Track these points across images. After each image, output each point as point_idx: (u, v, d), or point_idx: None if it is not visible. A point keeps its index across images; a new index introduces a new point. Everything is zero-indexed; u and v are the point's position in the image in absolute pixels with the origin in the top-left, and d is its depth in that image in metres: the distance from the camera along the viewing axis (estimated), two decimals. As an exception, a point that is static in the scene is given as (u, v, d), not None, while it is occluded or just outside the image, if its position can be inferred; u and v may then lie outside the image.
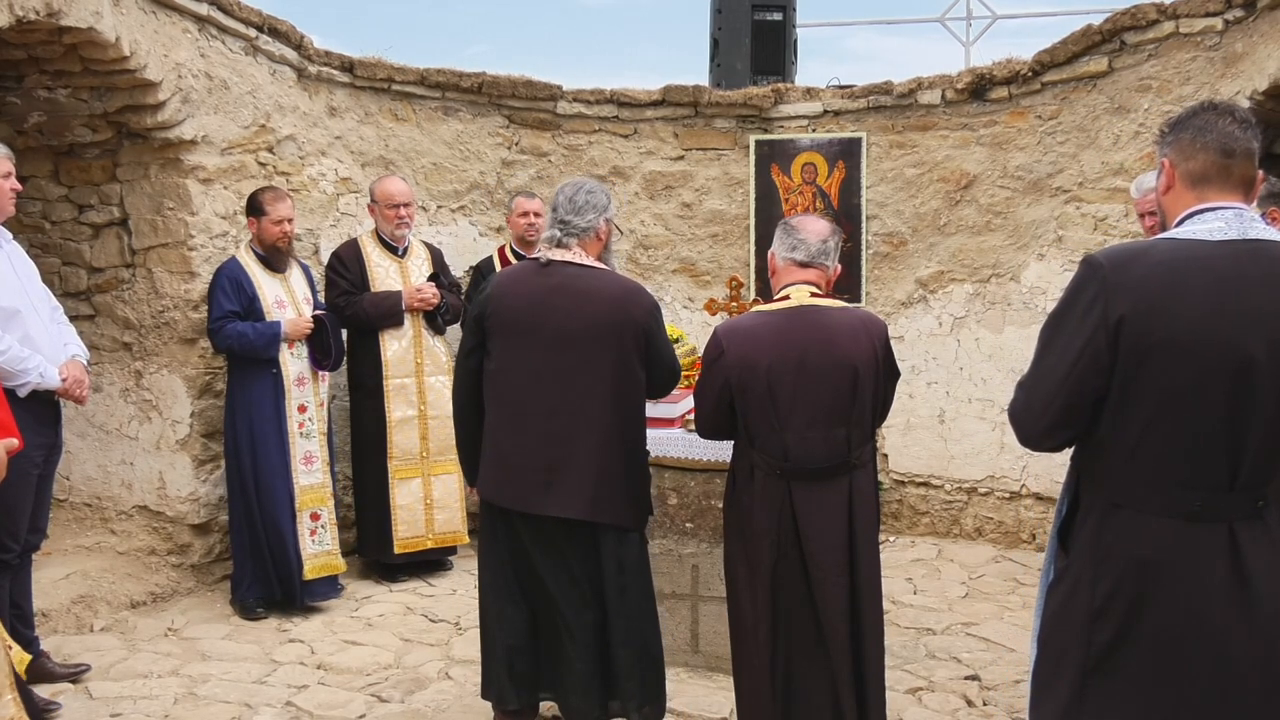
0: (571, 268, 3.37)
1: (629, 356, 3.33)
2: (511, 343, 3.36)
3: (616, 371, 3.32)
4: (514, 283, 3.43)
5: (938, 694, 3.99)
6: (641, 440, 3.48)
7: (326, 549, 4.98)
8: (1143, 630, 2.05)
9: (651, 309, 3.40)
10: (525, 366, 3.34)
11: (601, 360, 3.30)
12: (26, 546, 3.94)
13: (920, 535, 6.18)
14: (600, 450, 3.31)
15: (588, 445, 3.30)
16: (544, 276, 3.37)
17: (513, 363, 3.36)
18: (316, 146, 5.67)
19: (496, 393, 3.41)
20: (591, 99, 6.47)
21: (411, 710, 3.90)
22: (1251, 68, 4.91)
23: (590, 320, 3.30)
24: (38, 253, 5.11)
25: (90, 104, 4.89)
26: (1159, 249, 2.07)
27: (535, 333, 3.32)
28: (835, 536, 3.00)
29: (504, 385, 3.39)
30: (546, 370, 3.32)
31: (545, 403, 3.32)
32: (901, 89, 6.11)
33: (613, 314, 3.31)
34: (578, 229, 3.39)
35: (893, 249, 6.22)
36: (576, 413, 3.31)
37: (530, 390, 3.34)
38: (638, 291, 3.43)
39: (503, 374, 3.39)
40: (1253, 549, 2.01)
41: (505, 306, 3.38)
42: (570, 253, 3.39)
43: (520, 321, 3.34)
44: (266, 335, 4.83)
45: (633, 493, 3.41)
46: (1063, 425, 2.14)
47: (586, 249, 3.41)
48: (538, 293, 3.34)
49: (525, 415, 3.35)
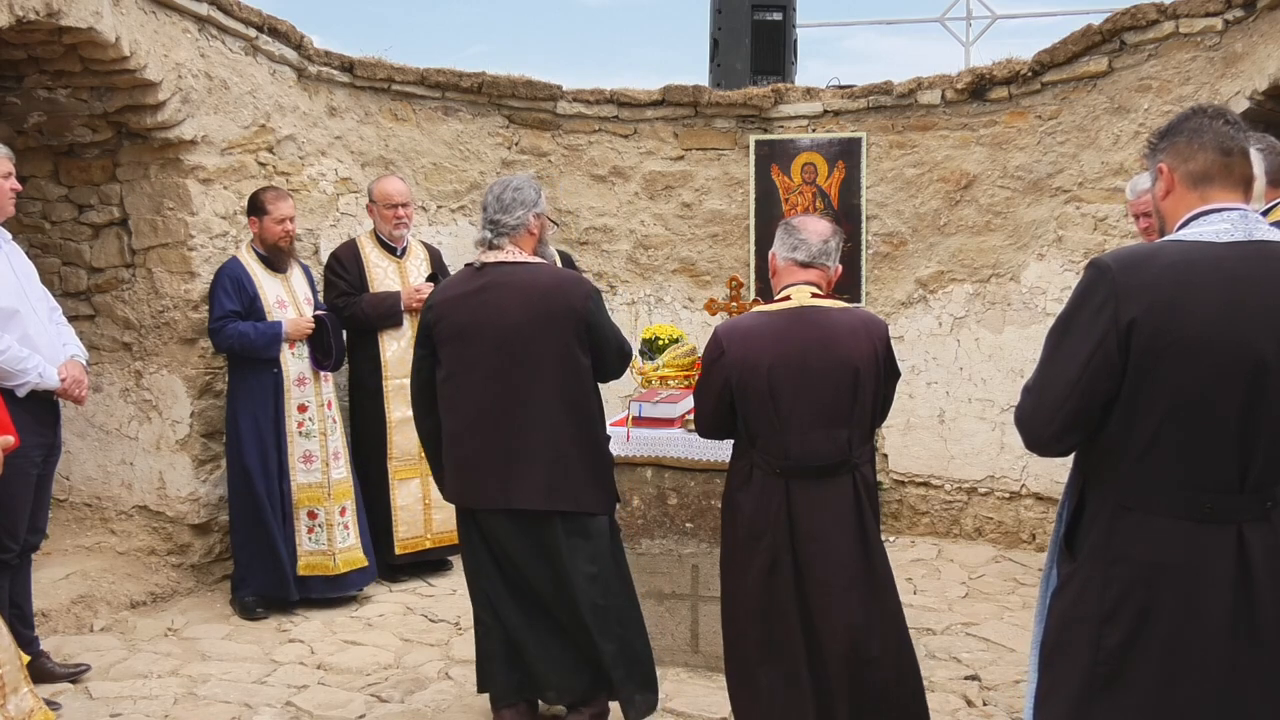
0: (505, 267, 3.44)
1: (571, 345, 3.40)
2: (456, 349, 3.43)
3: (560, 362, 3.39)
4: (452, 290, 3.51)
5: (938, 694, 3.99)
6: (597, 426, 3.53)
7: (321, 547, 4.98)
8: (1152, 633, 2.04)
9: (588, 294, 3.46)
10: (472, 370, 3.42)
11: (543, 353, 3.38)
12: (26, 546, 3.94)
13: (920, 535, 6.18)
14: (551, 441, 3.38)
15: (538, 437, 3.38)
16: (479, 279, 3.45)
17: (460, 368, 3.44)
18: (316, 146, 5.67)
19: (448, 399, 3.49)
20: (591, 99, 6.47)
21: (411, 710, 3.90)
22: (1251, 68, 4.91)
23: (528, 315, 3.37)
24: (38, 253, 5.11)
25: (90, 104, 4.88)
26: (1167, 251, 2.07)
27: (477, 335, 3.40)
28: (841, 538, 2.98)
29: (454, 391, 3.46)
30: (492, 370, 3.39)
31: (494, 402, 3.40)
32: (901, 89, 6.11)
33: (549, 306, 3.38)
34: (508, 227, 3.46)
35: (893, 249, 6.22)
36: (524, 407, 3.38)
37: (478, 392, 3.41)
38: (573, 280, 3.51)
39: (451, 380, 3.46)
40: (1260, 551, 2.01)
41: (446, 314, 3.45)
42: (503, 252, 3.46)
43: (462, 327, 3.42)
44: (267, 335, 4.83)
45: (592, 478, 3.47)
46: (1072, 429, 2.13)
47: (520, 245, 3.48)
48: (475, 296, 3.42)
49: (477, 417, 3.42)
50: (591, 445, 3.49)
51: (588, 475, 3.46)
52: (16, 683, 2.92)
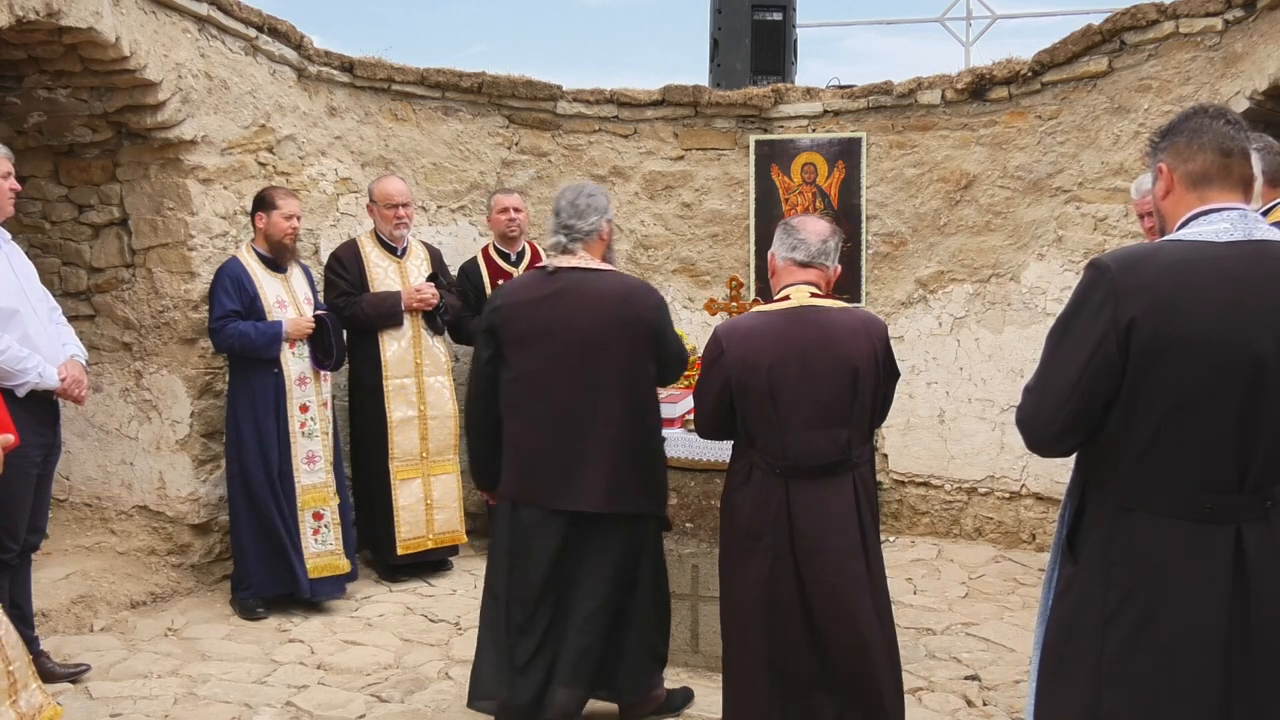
0: (577, 272, 3.50)
1: (638, 353, 3.45)
2: (525, 350, 3.47)
3: (627, 368, 3.43)
4: (522, 292, 3.54)
5: (938, 694, 3.99)
6: (656, 432, 3.60)
7: (330, 548, 4.99)
8: (1153, 635, 2.04)
9: (658, 305, 3.53)
10: (540, 372, 3.45)
11: (611, 358, 3.42)
12: (26, 546, 3.94)
13: (920, 535, 6.18)
14: (615, 444, 3.42)
15: (604, 440, 3.42)
16: (551, 283, 3.49)
17: (528, 369, 3.47)
18: (316, 146, 5.67)
19: (514, 400, 3.52)
20: (591, 99, 6.47)
21: (411, 710, 3.90)
22: (1251, 68, 4.91)
23: (599, 321, 3.42)
24: (38, 253, 5.12)
25: (90, 104, 4.88)
26: (1166, 251, 2.07)
27: (547, 338, 3.43)
28: (839, 537, 2.98)
29: (521, 392, 3.49)
30: (560, 373, 3.43)
31: (561, 404, 3.44)
32: (901, 89, 6.11)
33: (620, 313, 3.44)
34: (581, 232, 3.51)
35: (893, 249, 6.22)
36: (591, 410, 3.43)
37: (546, 394, 3.45)
38: (643, 289, 3.56)
39: (519, 381, 3.50)
40: (1259, 551, 2.01)
41: (515, 315, 3.49)
42: (575, 258, 3.52)
43: (532, 329, 3.45)
44: (268, 335, 4.83)
45: (649, 483, 3.54)
46: (1073, 429, 2.13)
47: (591, 251, 3.54)
48: (546, 300, 3.46)
49: (543, 418, 3.46)
50: (651, 451, 3.56)
51: (646, 480, 3.52)
52: (26, 679, 2.96)
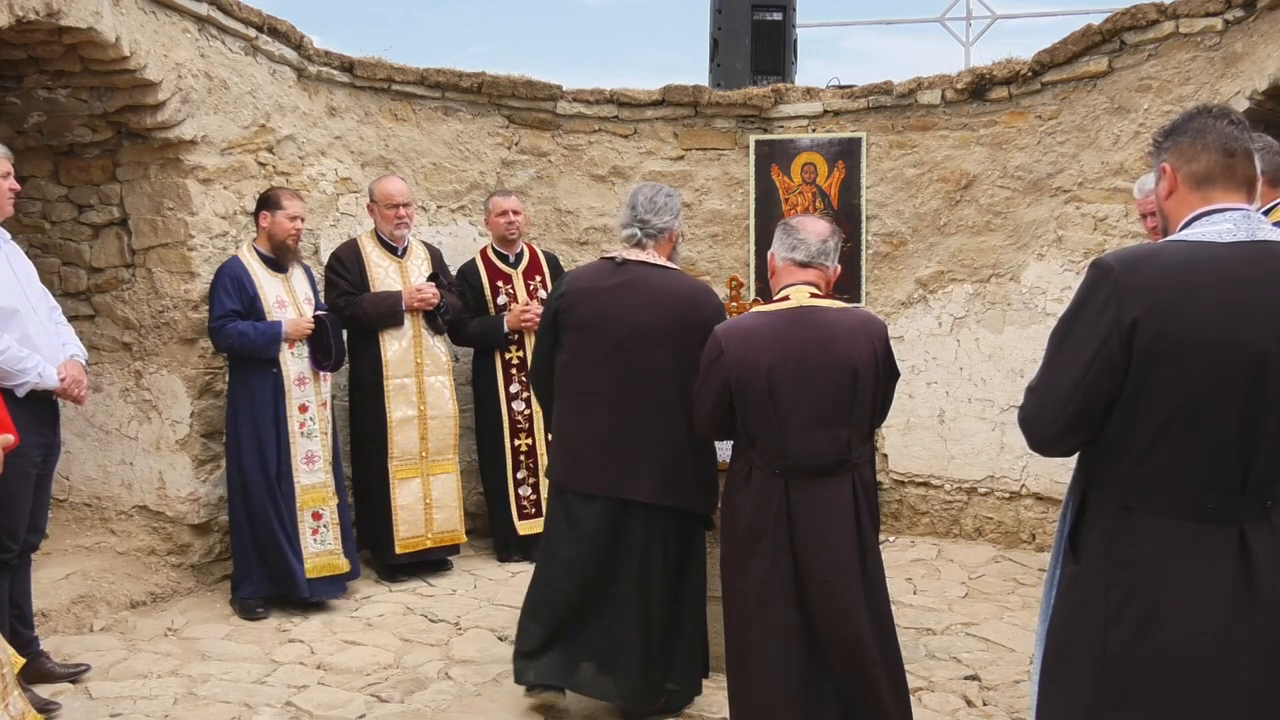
0: (644, 267, 3.60)
1: (695, 352, 3.49)
2: (584, 336, 3.58)
3: (683, 367, 3.47)
4: (588, 280, 3.65)
5: (938, 694, 3.99)
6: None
7: (329, 548, 4.98)
8: (1156, 635, 2.04)
9: (718, 308, 3.62)
10: (594, 358, 3.57)
11: (669, 355, 3.51)
12: (26, 546, 3.94)
13: (920, 535, 6.18)
14: (667, 438, 3.52)
15: (656, 433, 3.52)
16: (619, 275, 3.59)
17: (583, 355, 3.59)
18: (316, 146, 5.67)
19: (565, 383, 3.65)
20: (591, 99, 6.46)
21: (411, 710, 3.89)
22: (1251, 68, 4.91)
23: (660, 317, 3.52)
24: (37, 253, 5.11)
25: (90, 104, 4.88)
26: (1169, 251, 2.07)
27: (607, 327, 3.55)
28: (839, 537, 2.99)
29: (573, 376, 3.62)
30: (616, 363, 3.54)
31: (613, 392, 3.54)
32: (901, 89, 6.11)
33: (682, 312, 3.53)
34: (655, 229, 3.62)
35: (893, 249, 6.22)
36: (644, 402, 3.52)
37: (599, 381, 3.56)
38: (705, 292, 3.67)
39: (572, 365, 3.62)
40: (1261, 551, 2.01)
41: (578, 301, 3.60)
42: (645, 253, 3.63)
43: (594, 316, 3.57)
44: (267, 335, 4.83)
45: (699, 478, 3.63)
46: (1075, 429, 2.13)
47: (660, 250, 3.65)
48: (611, 290, 3.57)
49: (593, 403, 3.57)
50: (703, 449, 3.62)
51: (698, 476, 3.62)
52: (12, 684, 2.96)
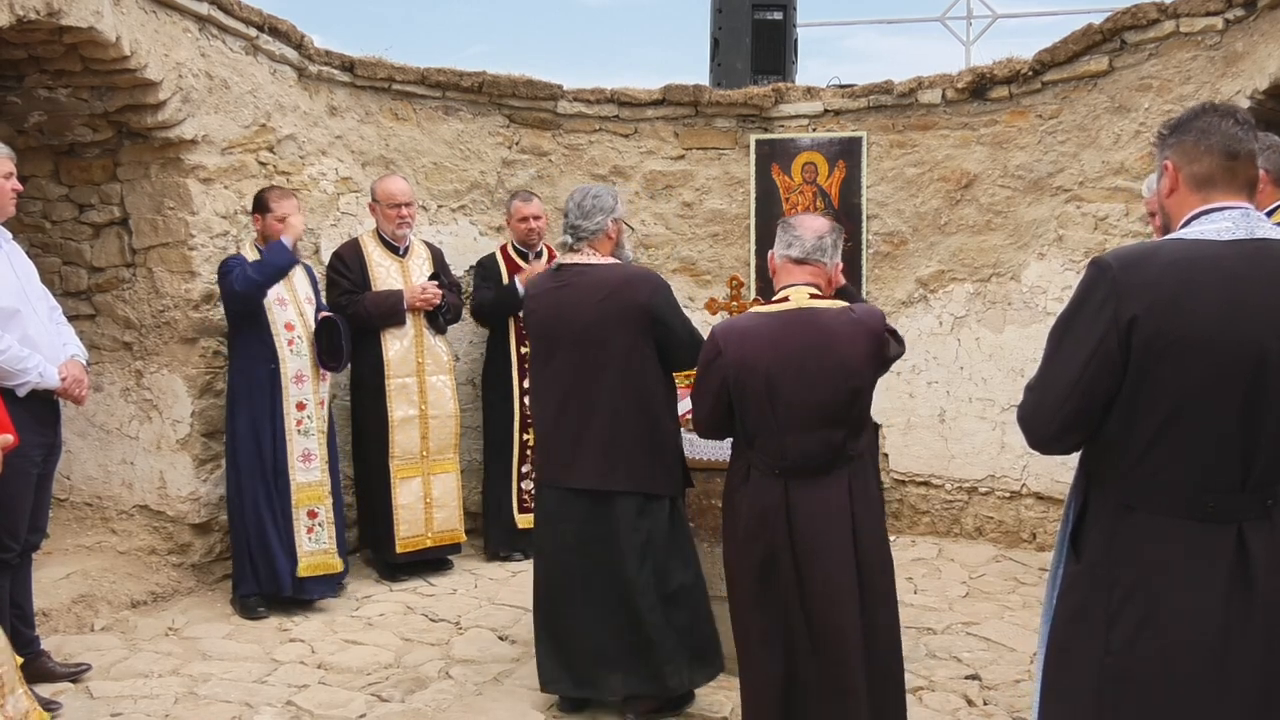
0: (579, 267, 3.76)
1: (636, 338, 3.67)
2: (540, 344, 3.84)
3: (626, 354, 3.65)
4: (538, 288, 3.87)
5: (938, 694, 3.99)
6: (662, 413, 3.74)
7: (323, 547, 4.98)
8: (1156, 634, 2.04)
9: (655, 289, 3.71)
10: (551, 361, 3.77)
11: (612, 346, 3.65)
12: (26, 546, 3.94)
13: (920, 535, 6.18)
14: (612, 426, 3.65)
15: (601, 422, 3.67)
16: (558, 279, 3.78)
17: (542, 358, 3.83)
18: (317, 146, 5.67)
19: (534, 387, 3.97)
20: (592, 99, 6.46)
21: (412, 710, 3.90)
22: (1252, 67, 4.91)
23: (599, 311, 3.66)
24: (38, 252, 5.11)
25: (90, 104, 4.88)
26: (1168, 249, 2.07)
27: (557, 329, 3.74)
28: (837, 535, 2.99)
29: (539, 379, 3.87)
30: (567, 361, 3.72)
31: (567, 390, 3.72)
32: (902, 88, 6.11)
33: (618, 301, 3.65)
34: (587, 232, 3.78)
35: (893, 248, 6.22)
36: (592, 395, 3.68)
37: (556, 380, 3.76)
38: (640, 277, 3.78)
39: (536, 373, 3.92)
40: (1261, 550, 2.01)
41: (532, 313, 3.86)
42: (580, 255, 3.78)
43: (544, 321, 3.80)
44: (274, 249, 4.79)
45: (652, 461, 3.70)
46: (1074, 428, 2.13)
47: (598, 248, 3.79)
48: (554, 294, 3.76)
49: (553, 403, 3.78)
50: (653, 430, 3.71)
51: (647, 458, 3.70)
52: (14, 683, 2.97)
